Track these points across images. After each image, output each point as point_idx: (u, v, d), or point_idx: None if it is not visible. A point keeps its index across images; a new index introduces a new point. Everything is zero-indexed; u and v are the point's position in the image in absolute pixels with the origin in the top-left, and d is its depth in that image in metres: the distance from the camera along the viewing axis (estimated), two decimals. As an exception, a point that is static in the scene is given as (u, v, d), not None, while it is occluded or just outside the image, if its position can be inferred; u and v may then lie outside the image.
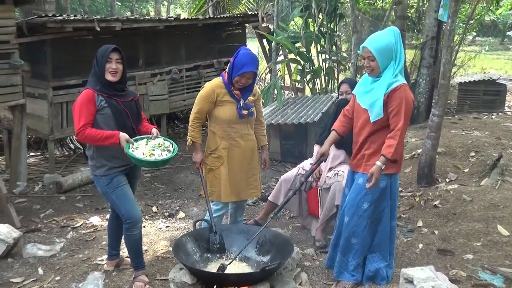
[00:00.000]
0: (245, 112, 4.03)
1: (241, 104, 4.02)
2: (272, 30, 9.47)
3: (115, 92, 3.53)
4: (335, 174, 4.43)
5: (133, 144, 3.45)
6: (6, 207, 5.02)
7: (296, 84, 10.56)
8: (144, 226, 5.04)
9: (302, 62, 9.33)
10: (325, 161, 3.87)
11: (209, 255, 3.77)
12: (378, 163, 3.32)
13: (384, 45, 3.33)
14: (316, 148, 4.73)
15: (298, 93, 10.48)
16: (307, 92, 10.33)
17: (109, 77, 3.48)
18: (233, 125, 4.08)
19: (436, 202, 5.05)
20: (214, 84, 4.07)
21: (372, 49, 3.34)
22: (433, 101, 5.70)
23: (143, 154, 3.42)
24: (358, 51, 3.78)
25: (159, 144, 3.56)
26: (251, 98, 4.14)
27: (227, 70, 4.05)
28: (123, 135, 3.42)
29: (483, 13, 13.51)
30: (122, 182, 3.56)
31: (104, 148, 3.50)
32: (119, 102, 3.54)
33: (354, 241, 3.57)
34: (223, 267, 3.47)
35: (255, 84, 4.21)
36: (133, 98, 3.68)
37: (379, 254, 3.59)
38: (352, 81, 4.67)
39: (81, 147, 8.33)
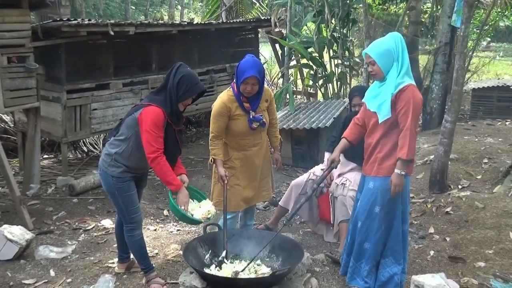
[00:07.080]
0: (255, 125, 4.02)
1: (251, 116, 4.00)
2: (284, 35, 9.48)
3: (176, 120, 3.52)
4: (342, 183, 4.40)
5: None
6: (19, 209, 5.07)
7: (308, 89, 10.56)
8: (155, 230, 5.07)
9: (314, 67, 9.32)
10: (335, 168, 3.87)
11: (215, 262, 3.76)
12: (397, 170, 3.32)
13: (383, 49, 3.41)
14: (326, 156, 4.72)
15: (310, 98, 10.49)
16: (319, 97, 10.33)
17: (180, 107, 3.52)
18: (245, 137, 4.08)
19: (448, 209, 5.01)
20: (225, 99, 4.02)
21: (371, 53, 3.44)
22: (446, 107, 5.67)
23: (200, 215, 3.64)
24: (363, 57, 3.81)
25: (208, 211, 3.71)
26: (264, 104, 4.11)
27: (234, 80, 4.03)
28: (186, 194, 3.55)
29: (497, 18, 13.41)
30: (132, 190, 3.57)
31: (136, 157, 3.50)
32: (175, 131, 3.53)
33: (367, 246, 3.56)
34: (235, 275, 3.48)
35: (268, 88, 4.19)
36: (184, 126, 3.71)
37: (392, 259, 3.56)
38: (363, 92, 4.40)
39: (94, 150, 8.40)
